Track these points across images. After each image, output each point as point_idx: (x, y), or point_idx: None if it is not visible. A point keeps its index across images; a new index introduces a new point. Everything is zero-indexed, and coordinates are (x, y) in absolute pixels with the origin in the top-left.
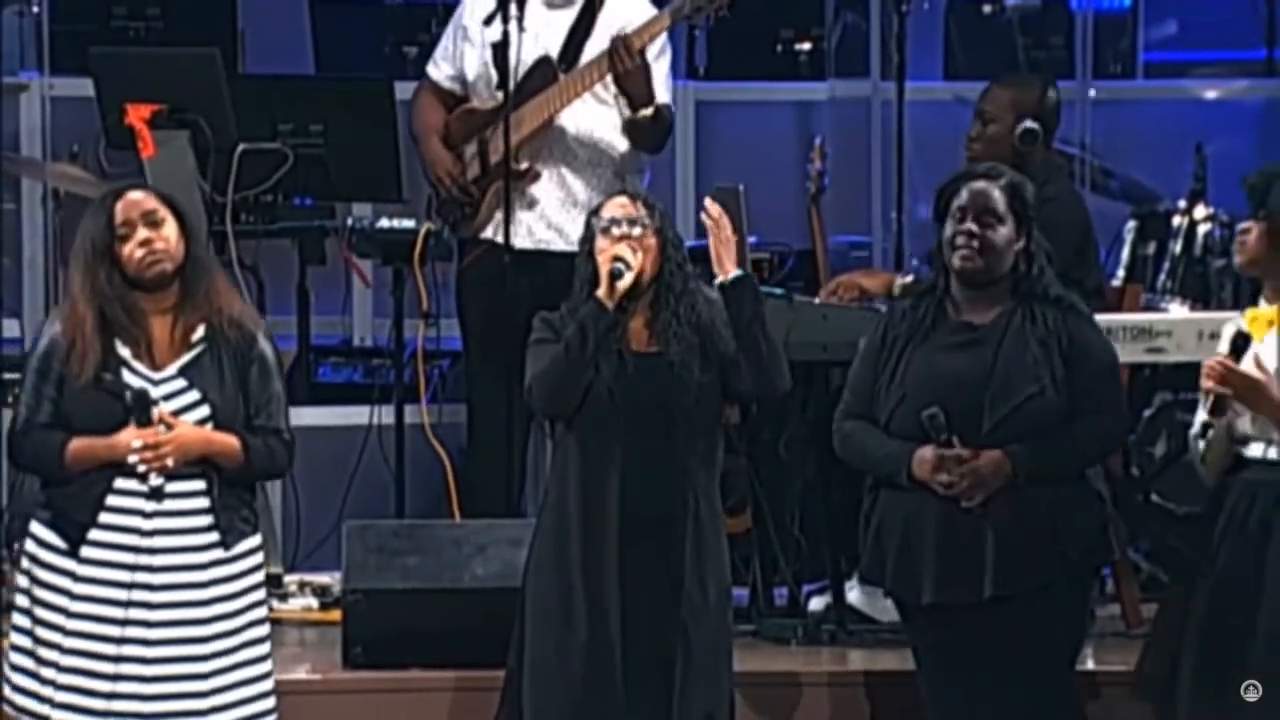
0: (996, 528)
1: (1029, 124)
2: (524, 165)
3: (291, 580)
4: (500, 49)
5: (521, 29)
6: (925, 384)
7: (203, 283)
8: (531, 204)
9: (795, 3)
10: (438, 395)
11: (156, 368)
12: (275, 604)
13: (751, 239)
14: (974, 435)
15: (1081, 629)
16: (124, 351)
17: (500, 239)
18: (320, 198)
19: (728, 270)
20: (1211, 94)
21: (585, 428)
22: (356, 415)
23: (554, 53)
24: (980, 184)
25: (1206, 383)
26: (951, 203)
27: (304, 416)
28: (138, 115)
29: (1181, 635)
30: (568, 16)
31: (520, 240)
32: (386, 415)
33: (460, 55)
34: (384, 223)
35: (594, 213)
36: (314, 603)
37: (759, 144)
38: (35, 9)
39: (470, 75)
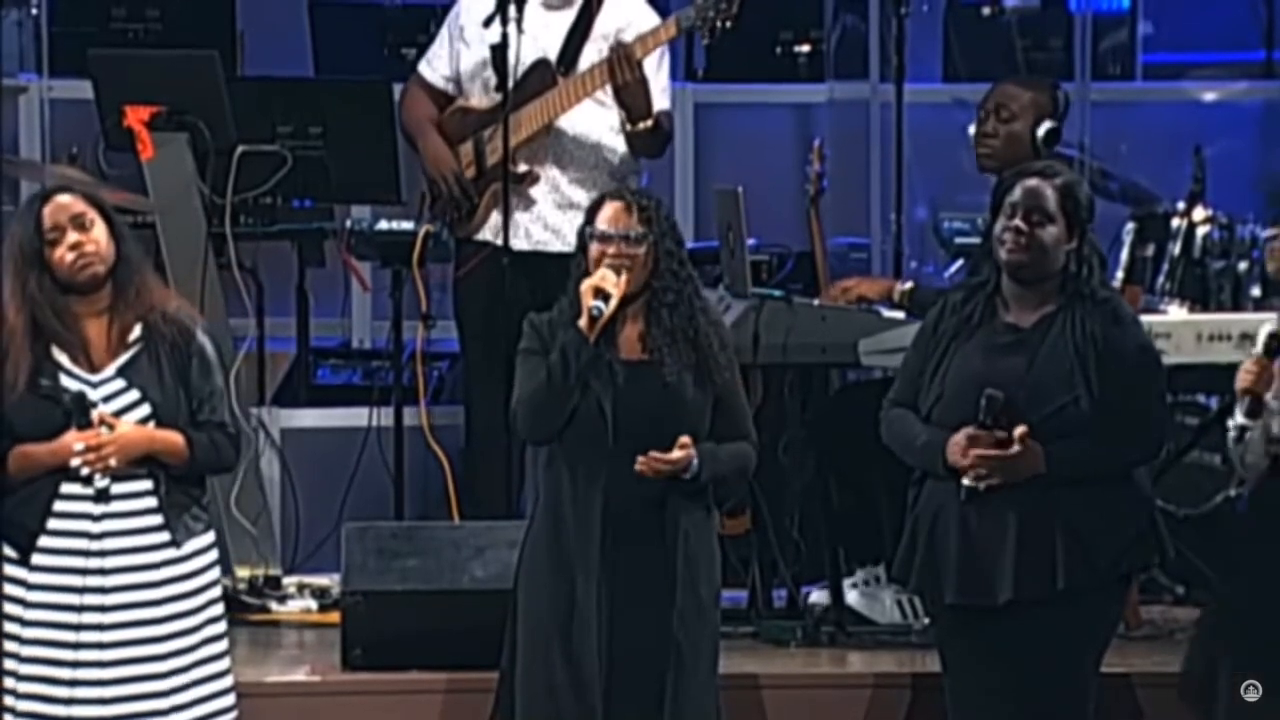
0: (1019, 531)
1: (1050, 124)
2: (523, 168)
3: (290, 582)
4: (499, 50)
5: (520, 30)
6: (963, 386)
7: (134, 282)
8: (528, 206)
9: (794, 4)
10: (437, 397)
11: (94, 370)
12: (274, 606)
13: (751, 241)
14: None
15: (1107, 636)
16: (60, 357)
17: (497, 241)
18: (319, 200)
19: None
20: (1210, 96)
21: (574, 436)
22: (356, 417)
23: (551, 54)
24: (1033, 181)
25: (1243, 384)
26: (1005, 199)
27: (303, 418)
28: (137, 117)
29: (1221, 637)
30: (566, 18)
31: (518, 242)
32: (385, 417)
33: (457, 56)
34: (383, 224)
35: (590, 215)
36: (313, 604)
37: (758, 146)
38: (34, 11)
39: (466, 76)
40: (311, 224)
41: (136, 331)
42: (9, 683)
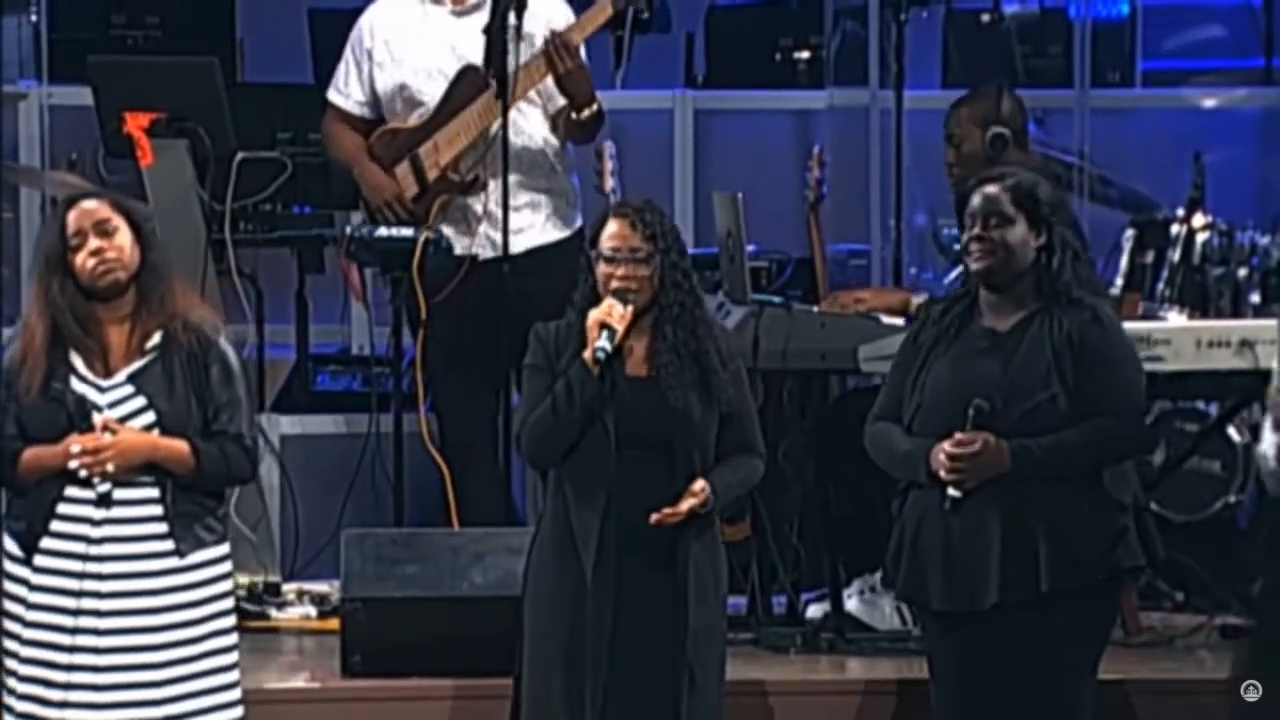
0: (1002, 535)
1: (996, 129)
2: (471, 177)
3: (290, 589)
4: (499, 55)
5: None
6: (941, 393)
7: (159, 289)
8: (482, 214)
9: (794, 11)
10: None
11: (108, 375)
12: (273, 612)
13: (750, 247)
14: None
15: (1099, 639)
16: (77, 361)
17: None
18: (319, 206)
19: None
20: (1210, 102)
21: (579, 455)
22: (355, 423)
23: (476, 60)
24: (986, 188)
25: None
26: (965, 212)
27: (303, 425)
28: (136, 124)
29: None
30: (478, 21)
31: (484, 251)
32: (385, 423)
33: (370, 79)
34: (382, 231)
35: (594, 233)
36: (312, 611)
37: (758, 152)
38: (34, 17)
39: (385, 98)
40: (311, 230)
41: (156, 339)
42: (10, 682)
